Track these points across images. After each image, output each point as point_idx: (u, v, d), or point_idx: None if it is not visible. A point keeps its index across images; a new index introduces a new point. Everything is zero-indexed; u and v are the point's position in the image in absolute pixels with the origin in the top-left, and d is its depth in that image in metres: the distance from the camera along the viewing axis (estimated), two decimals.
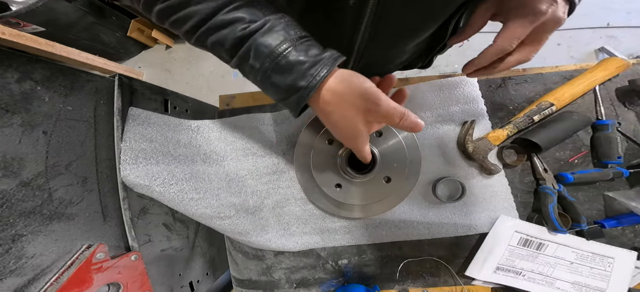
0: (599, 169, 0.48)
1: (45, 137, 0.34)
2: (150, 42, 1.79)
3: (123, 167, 0.40)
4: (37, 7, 1.17)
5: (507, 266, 0.49)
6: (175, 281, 0.49)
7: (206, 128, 0.53)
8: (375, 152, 0.47)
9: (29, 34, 0.91)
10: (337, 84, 0.30)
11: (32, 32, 1.21)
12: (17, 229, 0.30)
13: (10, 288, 0.29)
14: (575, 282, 0.48)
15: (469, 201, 0.51)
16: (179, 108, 0.55)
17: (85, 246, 0.36)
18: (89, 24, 1.43)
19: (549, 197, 0.47)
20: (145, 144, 0.43)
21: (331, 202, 0.49)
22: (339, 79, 0.30)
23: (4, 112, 0.30)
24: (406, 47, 0.45)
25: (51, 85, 0.36)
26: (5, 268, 0.28)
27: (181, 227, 0.52)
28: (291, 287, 0.54)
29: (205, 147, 0.52)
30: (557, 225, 0.45)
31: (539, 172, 0.49)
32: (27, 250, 0.30)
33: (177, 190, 0.43)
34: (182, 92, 0.57)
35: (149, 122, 0.45)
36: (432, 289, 0.52)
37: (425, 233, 0.51)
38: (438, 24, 0.40)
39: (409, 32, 0.41)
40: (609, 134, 0.48)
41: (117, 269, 0.38)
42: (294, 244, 0.52)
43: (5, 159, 0.30)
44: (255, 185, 0.53)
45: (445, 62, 1.71)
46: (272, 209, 0.53)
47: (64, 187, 0.35)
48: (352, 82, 0.30)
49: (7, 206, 0.29)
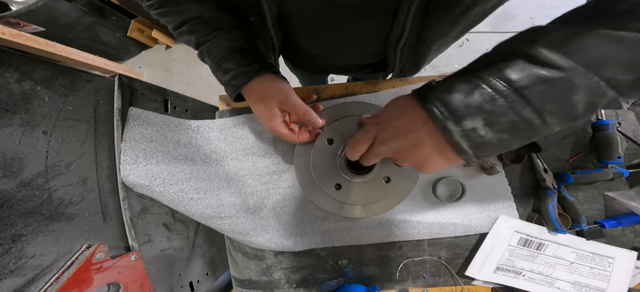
0: (599, 169, 0.48)
1: (45, 137, 0.34)
2: (150, 42, 1.79)
3: (123, 167, 0.40)
4: (37, 7, 1.17)
5: (507, 266, 0.49)
6: (175, 281, 0.49)
7: (206, 128, 0.53)
8: None
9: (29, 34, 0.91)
10: (259, 85, 0.41)
11: (32, 32, 1.21)
12: (17, 229, 0.30)
13: (10, 288, 0.29)
14: (575, 282, 0.48)
15: (469, 201, 0.51)
16: (179, 108, 0.55)
17: (85, 246, 0.36)
18: (89, 24, 1.43)
19: (549, 197, 0.47)
20: (145, 144, 0.43)
21: (331, 202, 0.49)
22: (262, 81, 0.41)
23: (4, 112, 0.30)
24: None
25: (51, 85, 0.36)
26: (5, 268, 0.28)
27: (181, 227, 0.52)
28: (291, 287, 0.54)
29: (205, 147, 0.52)
30: (557, 225, 0.45)
31: (539, 172, 0.49)
32: (27, 250, 0.30)
33: (177, 190, 0.43)
34: (182, 92, 0.57)
35: (149, 122, 0.45)
36: (432, 289, 0.52)
37: (425, 233, 0.51)
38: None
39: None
40: (609, 134, 0.48)
41: (117, 269, 0.38)
42: (294, 244, 0.52)
43: (5, 159, 0.30)
44: (255, 185, 0.53)
45: (445, 62, 1.71)
46: (272, 209, 0.53)
47: (64, 187, 0.35)
48: (273, 82, 0.42)
49: (7, 206, 0.29)
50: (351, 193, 0.48)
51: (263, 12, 0.39)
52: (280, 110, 0.42)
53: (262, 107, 0.42)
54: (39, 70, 0.35)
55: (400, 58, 0.47)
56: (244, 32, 0.42)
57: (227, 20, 0.41)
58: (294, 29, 0.45)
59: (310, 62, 0.60)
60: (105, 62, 1.36)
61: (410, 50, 0.45)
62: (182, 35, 0.41)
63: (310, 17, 0.41)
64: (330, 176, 0.48)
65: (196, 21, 0.39)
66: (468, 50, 1.71)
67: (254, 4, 0.38)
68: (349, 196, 0.48)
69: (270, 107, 0.42)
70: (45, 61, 0.36)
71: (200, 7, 0.39)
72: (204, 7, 0.39)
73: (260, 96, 0.42)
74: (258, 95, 0.42)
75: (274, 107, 0.42)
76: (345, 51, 0.50)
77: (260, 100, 0.42)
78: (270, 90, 0.41)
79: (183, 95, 0.57)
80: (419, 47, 0.44)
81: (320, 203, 0.49)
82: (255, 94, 0.42)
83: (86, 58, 1.23)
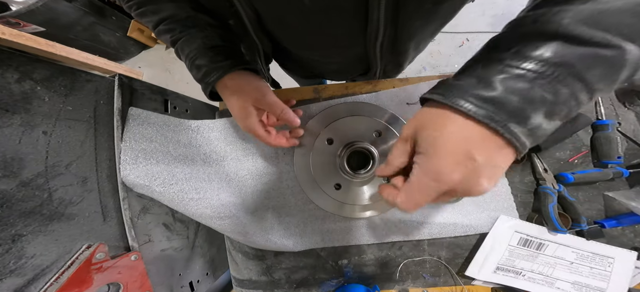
0: (600, 169, 0.48)
1: (45, 137, 0.34)
2: (150, 42, 1.79)
3: (123, 167, 0.40)
4: (37, 7, 1.17)
5: (507, 266, 0.49)
6: (175, 281, 0.49)
7: (206, 128, 0.53)
8: (374, 152, 0.47)
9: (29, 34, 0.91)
10: (232, 81, 0.40)
11: (32, 32, 1.21)
12: (17, 229, 0.30)
13: (10, 288, 0.29)
14: (575, 282, 0.48)
15: (469, 201, 0.51)
16: (179, 108, 0.54)
17: (85, 246, 0.36)
18: (89, 24, 1.43)
19: (549, 197, 0.47)
20: (146, 144, 0.43)
21: (331, 202, 0.49)
22: (236, 78, 0.41)
23: (4, 112, 0.30)
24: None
25: (51, 85, 0.36)
26: (5, 268, 0.28)
27: (181, 227, 0.52)
28: (291, 287, 0.54)
29: (206, 147, 0.52)
30: (557, 225, 0.45)
31: (539, 172, 0.49)
32: (27, 250, 0.30)
33: (177, 190, 0.43)
34: (182, 92, 0.57)
35: (149, 122, 0.45)
36: (432, 289, 0.52)
37: (426, 233, 0.51)
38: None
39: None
40: (609, 134, 0.48)
41: (117, 269, 0.38)
42: (294, 244, 0.52)
43: (5, 159, 0.30)
44: (255, 185, 0.53)
45: (445, 62, 1.71)
46: (272, 209, 0.53)
47: (64, 187, 0.35)
48: (248, 79, 0.41)
49: (7, 206, 0.29)
50: (351, 193, 0.48)
51: (240, 16, 0.39)
52: (255, 108, 0.41)
53: (237, 104, 0.41)
54: (39, 70, 0.35)
55: (381, 57, 0.46)
56: (220, 30, 0.42)
57: (203, 19, 0.41)
58: (272, 31, 0.44)
59: (299, 66, 0.60)
60: (105, 62, 1.35)
61: (389, 48, 0.44)
62: (159, 34, 0.42)
63: (280, 18, 0.40)
64: (330, 176, 0.48)
65: (171, 20, 0.40)
66: (468, 50, 1.71)
67: (229, 7, 0.38)
68: (348, 195, 0.48)
69: (245, 104, 0.41)
70: (45, 61, 0.36)
71: (175, 6, 0.40)
72: (179, 6, 0.40)
73: (234, 92, 0.41)
74: (232, 92, 0.41)
75: (249, 105, 0.41)
76: (327, 53, 0.49)
77: (234, 96, 0.41)
78: (245, 88, 0.41)
79: (183, 95, 0.57)
80: (397, 45, 0.44)
81: (321, 203, 0.49)
82: (229, 90, 0.41)
83: (86, 58, 1.23)
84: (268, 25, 0.42)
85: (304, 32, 0.42)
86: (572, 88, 0.23)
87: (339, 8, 0.36)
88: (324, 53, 0.49)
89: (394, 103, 0.52)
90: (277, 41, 0.47)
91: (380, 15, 0.36)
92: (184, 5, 0.40)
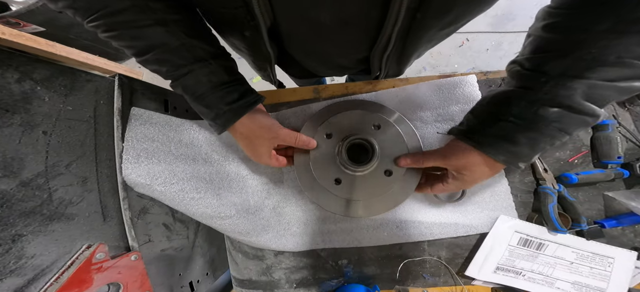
0: (602, 170, 0.48)
1: (45, 137, 0.34)
2: None
3: (125, 166, 0.40)
4: (37, 7, 1.17)
5: (507, 266, 0.49)
6: (175, 281, 0.49)
7: (208, 128, 0.53)
8: (374, 144, 0.46)
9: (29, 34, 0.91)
10: (243, 126, 0.41)
11: (32, 32, 1.21)
12: (17, 229, 0.30)
13: (10, 288, 0.29)
14: (575, 282, 0.48)
15: (469, 201, 0.51)
16: (179, 108, 0.54)
17: (85, 246, 0.36)
18: None
19: (549, 197, 0.47)
20: (147, 143, 0.43)
21: (332, 201, 0.48)
22: (246, 122, 0.41)
23: (4, 112, 0.30)
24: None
25: (51, 85, 0.35)
26: (5, 268, 0.28)
27: (181, 227, 0.52)
28: (291, 287, 0.54)
29: (207, 147, 0.52)
30: (557, 225, 0.45)
31: (539, 172, 0.49)
32: (27, 250, 0.30)
33: (178, 189, 0.43)
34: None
35: (151, 122, 0.45)
36: (432, 289, 0.52)
37: (427, 234, 0.51)
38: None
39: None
40: (609, 134, 0.48)
41: (117, 269, 0.38)
42: (295, 244, 0.52)
43: (5, 159, 0.30)
44: (256, 185, 0.53)
45: (445, 62, 1.72)
46: (272, 209, 0.53)
47: (64, 187, 0.35)
48: (260, 121, 0.43)
49: (7, 206, 0.29)
50: (352, 188, 0.47)
51: (259, 28, 0.37)
52: (271, 145, 0.44)
53: (250, 147, 0.44)
54: (39, 70, 0.35)
55: (386, 66, 0.49)
56: (222, 60, 0.39)
57: (202, 48, 0.37)
58: (282, 41, 0.46)
59: (299, 68, 0.60)
60: (105, 62, 1.35)
61: (395, 59, 0.47)
62: (146, 64, 0.35)
63: (293, 29, 0.41)
64: (330, 171, 0.48)
65: (162, 49, 0.34)
66: (468, 50, 1.71)
67: (249, 20, 0.36)
68: (349, 191, 0.47)
69: (259, 147, 0.44)
70: (45, 61, 0.36)
71: (165, 32, 0.33)
72: (169, 32, 0.33)
73: (247, 137, 0.43)
74: (245, 136, 0.43)
75: (262, 146, 0.44)
76: (332, 60, 0.51)
77: (247, 140, 0.44)
78: (257, 132, 0.43)
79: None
80: (403, 57, 0.47)
81: (321, 200, 0.48)
82: (242, 135, 0.43)
83: (86, 58, 1.23)
84: (280, 36, 0.44)
85: (314, 42, 0.44)
86: (561, 139, 0.33)
87: (353, 25, 0.38)
88: (327, 58, 0.51)
89: (394, 102, 0.52)
90: (284, 49, 0.48)
91: (393, 33, 0.37)
92: (176, 31, 0.34)
